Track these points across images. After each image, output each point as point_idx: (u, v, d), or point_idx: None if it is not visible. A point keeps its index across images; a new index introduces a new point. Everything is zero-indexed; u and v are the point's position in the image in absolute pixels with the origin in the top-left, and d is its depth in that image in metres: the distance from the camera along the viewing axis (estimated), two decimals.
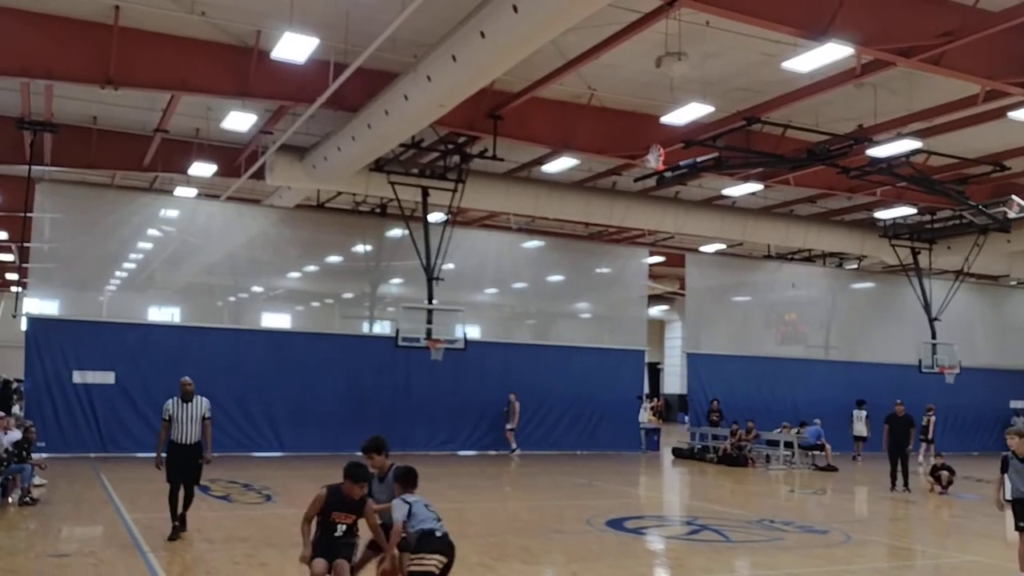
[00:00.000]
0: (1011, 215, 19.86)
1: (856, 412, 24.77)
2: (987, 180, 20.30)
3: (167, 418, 10.06)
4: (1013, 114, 14.96)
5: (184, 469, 10.04)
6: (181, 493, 10.06)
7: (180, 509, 10.04)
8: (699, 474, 21.20)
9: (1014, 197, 19.53)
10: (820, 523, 13.29)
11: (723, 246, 28.58)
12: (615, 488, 17.33)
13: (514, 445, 22.50)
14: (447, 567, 6.50)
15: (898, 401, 18.55)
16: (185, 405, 10.11)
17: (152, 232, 21.66)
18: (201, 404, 10.20)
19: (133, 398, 19.06)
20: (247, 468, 17.50)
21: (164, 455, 10.06)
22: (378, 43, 11.99)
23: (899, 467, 17.75)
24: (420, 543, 6.56)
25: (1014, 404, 30.23)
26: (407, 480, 6.99)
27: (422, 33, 12.78)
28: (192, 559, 9.15)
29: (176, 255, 21.89)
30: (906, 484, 17.62)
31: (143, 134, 18.99)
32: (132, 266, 22.38)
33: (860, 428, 24.50)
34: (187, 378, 10.31)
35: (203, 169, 19.31)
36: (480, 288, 25.27)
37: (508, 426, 22.54)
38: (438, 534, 6.59)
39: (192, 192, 22.22)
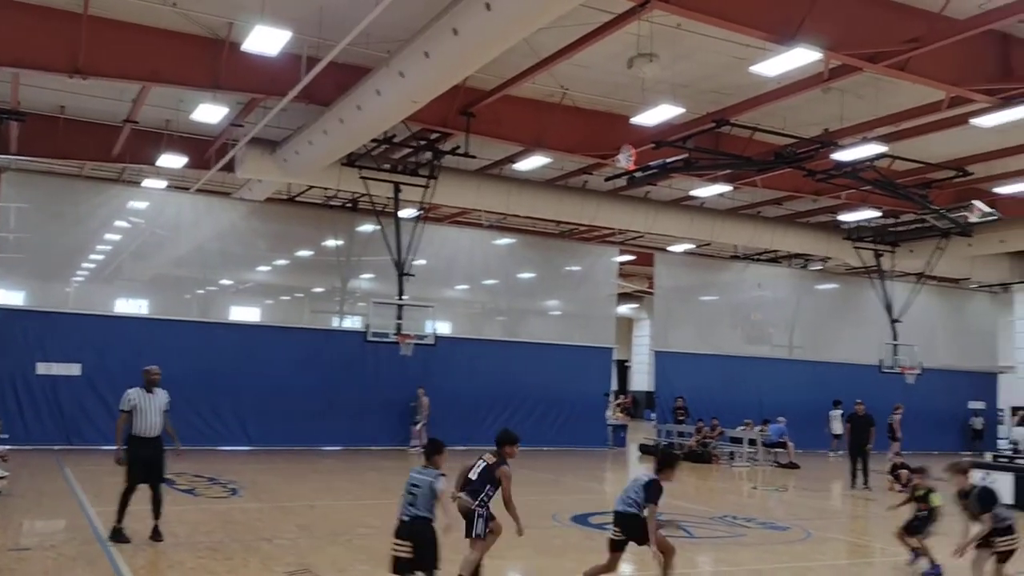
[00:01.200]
0: (973, 219, 20.27)
1: (832, 412, 25.19)
2: (950, 185, 20.69)
3: (129, 409, 9.42)
4: (976, 120, 15.23)
5: (150, 466, 9.46)
6: (148, 494, 9.47)
7: (152, 517, 9.49)
8: None
9: (976, 202, 19.93)
10: (781, 520, 13.52)
11: (691, 246, 28.85)
12: (582, 484, 17.47)
13: (415, 441, 21.62)
14: (413, 552, 6.54)
15: (858, 401, 18.89)
16: (149, 396, 9.56)
17: (120, 223, 21.43)
18: (163, 395, 9.69)
19: (99, 390, 18.84)
20: (213, 462, 17.41)
21: (124, 448, 9.46)
22: (351, 38, 11.98)
23: (859, 465, 18.09)
24: None
25: (972, 405, 30.85)
26: (424, 454, 7.15)
27: (395, 29, 12.78)
28: (156, 554, 9.11)
29: (144, 247, 21.68)
30: (866, 482, 17.95)
31: (112, 124, 18.82)
32: (100, 257, 22.13)
33: (836, 427, 24.92)
34: (155, 367, 9.75)
35: (173, 161, 19.17)
36: (451, 284, 25.32)
37: (417, 418, 21.85)
38: (405, 519, 6.67)
39: (161, 184, 22.04)
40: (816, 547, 11.42)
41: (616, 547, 7.79)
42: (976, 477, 16.01)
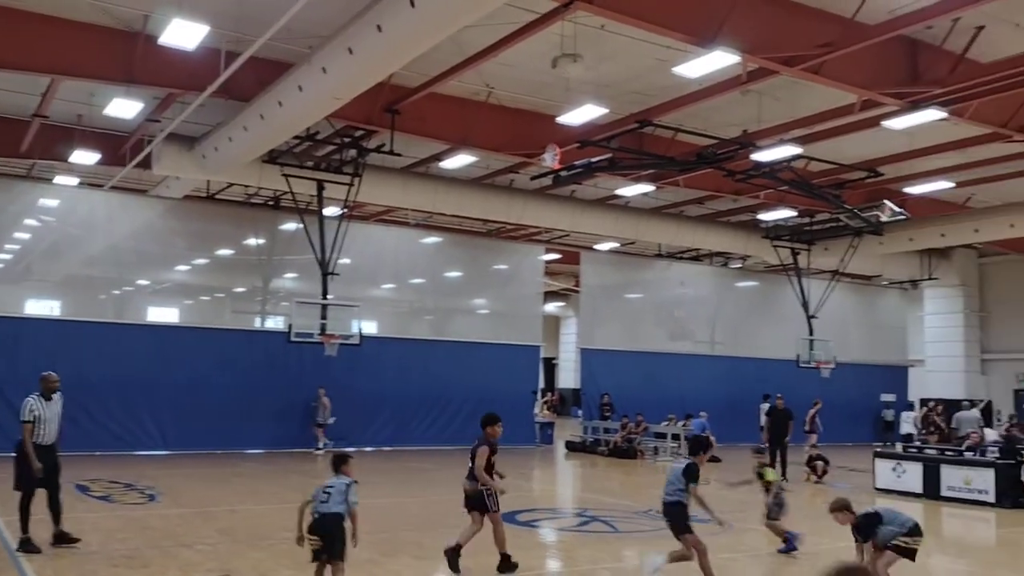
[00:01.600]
0: (884, 219, 21.02)
1: (763, 405, 25.77)
2: (862, 185, 21.41)
3: (32, 419, 9.22)
4: (887, 123, 15.77)
5: (48, 472, 9.28)
6: (44, 502, 9.30)
7: (53, 523, 9.31)
8: (591, 467, 21.65)
9: (887, 202, 20.69)
10: (703, 512, 13.75)
11: (617, 244, 29.22)
12: (509, 481, 17.44)
13: (320, 443, 21.30)
14: (322, 543, 7.20)
15: (779, 395, 19.43)
16: (48, 403, 9.40)
17: (30, 222, 20.63)
18: (59, 400, 9.54)
19: (7, 395, 18.02)
20: (130, 467, 16.95)
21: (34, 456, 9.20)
22: (272, 32, 11.73)
23: (778, 457, 18.60)
24: None
25: (884, 397, 32.03)
26: (332, 465, 7.70)
27: (317, 24, 12.59)
28: (67, 563, 8.79)
29: (56, 246, 20.89)
30: (784, 474, 18.43)
31: (20, 118, 18.03)
32: (7, 257, 21.24)
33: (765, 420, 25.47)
34: (53, 373, 9.60)
35: (85, 157, 18.54)
36: (377, 283, 25.11)
37: (318, 420, 21.47)
38: (317, 515, 7.26)
39: (73, 181, 21.29)
40: (737, 538, 11.68)
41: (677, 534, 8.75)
42: (887, 469, 16.68)
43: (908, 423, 25.08)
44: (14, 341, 18.62)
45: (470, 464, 8.99)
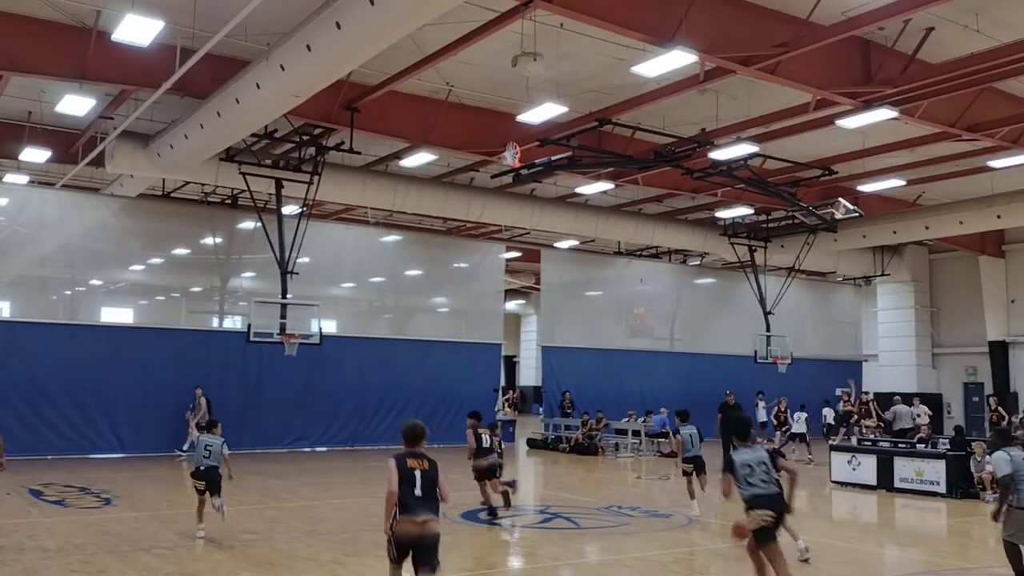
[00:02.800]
0: (838, 216, 21.41)
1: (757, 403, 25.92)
2: (817, 183, 21.76)
3: None
4: (840, 122, 16.02)
5: None
6: None
7: None
8: (552, 464, 21.73)
9: (841, 199, 21.07)
10: (664, 508, 13.94)
11: (577, 242, 29.33)
12: (471, 481, 17.49)
13: (186, 445, 19.65)
14: (207, 486, 10.27)
15: (728, 392, 19.71)
16: None
17: None
18: None
19: None
20: (84, 471, 16.65)
21: None
22: (228, 29, 11.60)
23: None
24: None
25: (839, 391, 32.56)
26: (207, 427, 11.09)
27: (275, 21, 12.48)
28: (22, 569, 8.61)
29: (5, 246, 20.34)
30: None
31: None
32: None
33: (761, 415, 25.49)
34: None
35: (35, 155, 18.16)
36: (336, 282, 24.92)
37: (194, 421, 19.81)
38: (202, 467, 10.31)
39: (23, 179, 20.81)
40: (697, 532, 11.82)
41: (772, 536, 7.26)
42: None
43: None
44: None
45: (488, 444, 12.53)
